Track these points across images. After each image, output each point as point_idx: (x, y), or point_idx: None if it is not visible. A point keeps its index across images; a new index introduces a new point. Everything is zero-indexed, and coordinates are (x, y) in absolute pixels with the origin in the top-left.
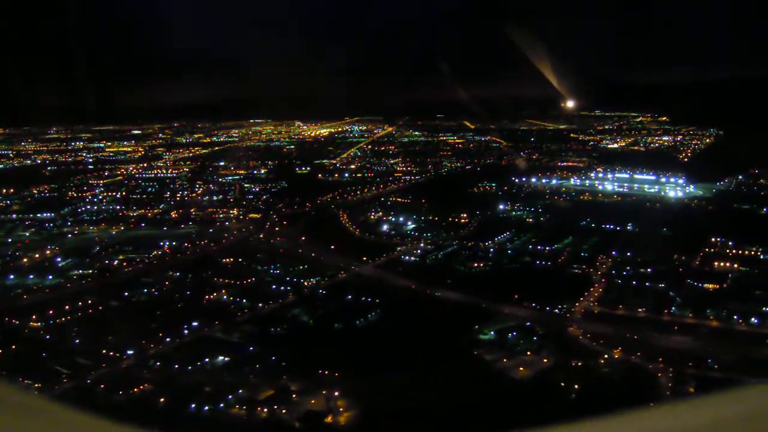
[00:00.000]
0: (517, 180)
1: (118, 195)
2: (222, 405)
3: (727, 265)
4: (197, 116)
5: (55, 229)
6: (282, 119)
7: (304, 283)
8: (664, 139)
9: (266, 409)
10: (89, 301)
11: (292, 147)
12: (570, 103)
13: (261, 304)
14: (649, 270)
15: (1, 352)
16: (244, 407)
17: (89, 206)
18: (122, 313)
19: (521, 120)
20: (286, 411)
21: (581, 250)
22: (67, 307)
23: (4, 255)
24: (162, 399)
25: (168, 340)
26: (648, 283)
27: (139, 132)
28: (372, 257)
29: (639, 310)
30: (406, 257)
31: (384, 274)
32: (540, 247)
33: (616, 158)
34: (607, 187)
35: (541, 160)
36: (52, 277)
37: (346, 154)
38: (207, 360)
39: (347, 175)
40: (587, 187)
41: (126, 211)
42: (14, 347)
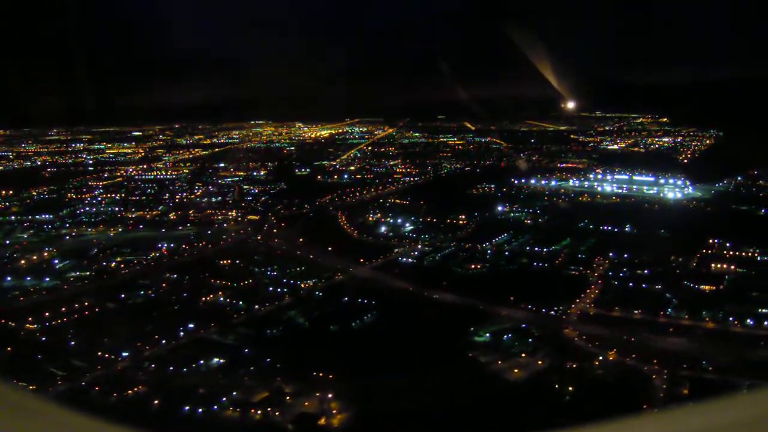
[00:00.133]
0: (516, 181)
1: (117, 197)
2: (216, 407)
3: (724, 266)
4: (198, 117)
5: (53, 231)
6: (282, 120)
7: (301, 285)
8: (664, 140)
9: (260, 411)
10: (86, 303)
11: (292, 148)
12: (570, 104)
13: (257, 306)
14: (646, 271)
15: None
16: (238, 409)
17: (88, 208)
18: (118, 315)
19: (522, 121)
20: (279, 413)
21: (579, 251)
22: (63, 309)
23: (2, 257)
24: (156, 401)
25: (163, 342)
26: (645, 285)
27: (140, 133)
28: (369, 259)
29: (635, 311)
30: (404, 259)
31: (381, 276)
32: (537, 248)
33: (615, 159)
34: (606, 188)
35: (540, 161)
36: (49, 279)
37: (345, 156)
38: (202, 362)
39: (346, 176)
40: (586, 189)
41: (125, 212)
42: (9, 349)
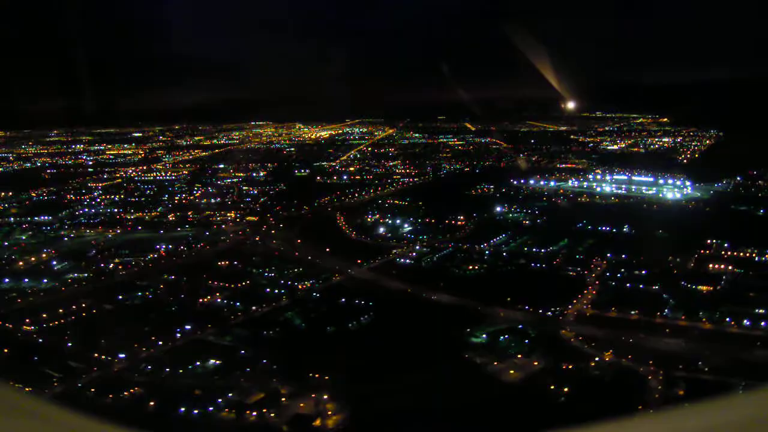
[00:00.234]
0: (516, 182)
1: (117, 198)
2: (211, 408)
3: (722, 267)
4: (198, 118)
5: (52, 233)
6: (283, 121)
7: (298, 286)
8: (665, 140)
9: (255, 413)
10: (83, 305)
11: (293, 149)
12: (571, 105)
13: (254, 308)
14: (643, 272)
15: None
16: (234, 410)
17: (87, 209)
18: (116, 316)
19: (522, 121)
20: (274, 414)
21: (576, 252)
22: (60, 310)
23: (0, 258)
24: (152, 402)
25: (160, 343)
26: (642, 286)
27: (140, 134)
28: (367, 260)
29: (632, 312)
30: (402, 260)
31: (378, 277)
32: (535, 249)
33: (615, 160)
34: (605, 188)
35: (540, 161)
36: (47, 280)
37: (345, 156)
38: (198, 363)
39: (346, 177)
40: (585, 189)
41: (123, 214)
42: (6, 351)
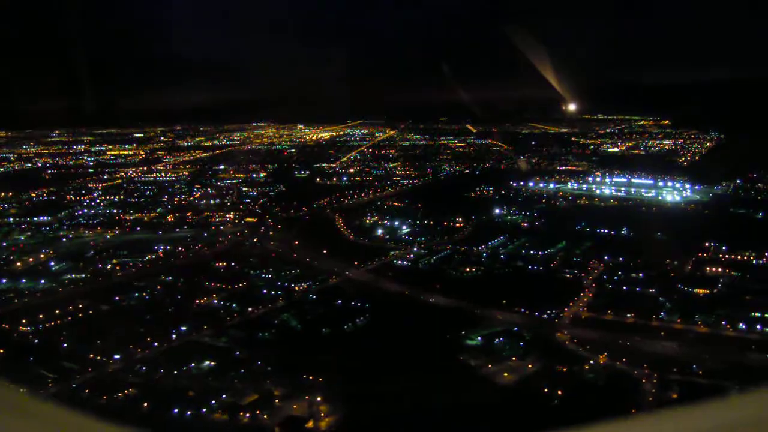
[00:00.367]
0: (515, 184)
1: (116, 199)
2: (205, 409)
3: (719, 270)
4: (199, 119)
5: (51, 233)
6: (284, 122)
7: (295, 288)
8: (665, 142)
9: (248, 414)
10: (80, 306)
11: (293, 150)
12: (572, 107)
13: (251, 309)
14: (640, 275)
15: None
16: (227, 412)
17: (86, 210)
18: (112, 317)
19: (523, 123)
20: (267, 416)
21: (574, 254)
22: (57, 311)
23: None
24: (145, 404)
25: (156, 344)
26: (639, 288)
27: (141, 135)
28: (365, 261)
29: (628, 315)
30: (399, 262)
31: (375, 279)
32: (533, 251)
33: (615, 162)
34: (604, 191)
35: (540, 163)
36: (44, 281)
37: (345, 158)
38: (193, 365)
39: (346, 178)
40: (584, 192)
41: (123, 214)
42: (2, 351)
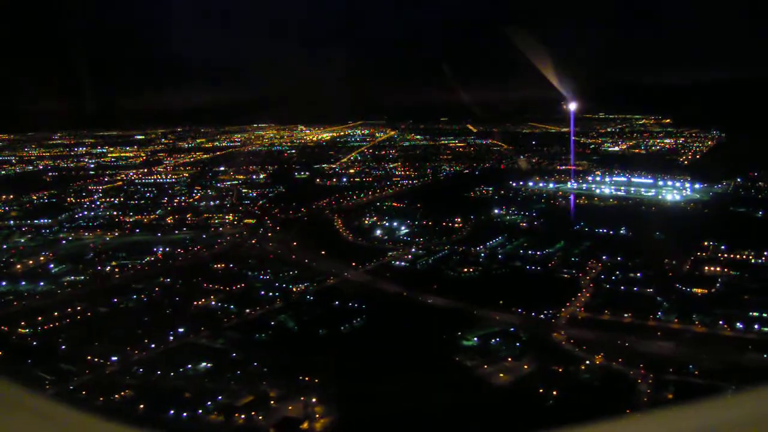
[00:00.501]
0: (515, 184)
1: (116, 201)
2: (200, 411)
3: (718, 269)
4: (200, 121)
5: (50, 236)
6: (285, 123)
7: (293, 289)
8: (666, 141)
9: (244, 415)
10: (78, 308)
11: (294, 151)
12: (573, 106)
13: (248, 310)
14: (638, 275)
15: None
16: (222, 413)
17: (86, 212)
18: (110, 319)
19: (524, 123)
20: (263, 417)
21: (572, 254)
22: (55, 313)
23: None
24: (141, 405)
25: (153, 346)
26: (636, 288)
27: (142, 137)
28: (363, 262)
29: (625, 315)
30: (397, 262)
31: (373, 280)
32: (531, 251)
33: (616, 161)
34: (604, 190)
35: (540, 163)
36: (43, 283)
37: (346, 159)
38: (190, 366)
39: (345, 179)
40: (584, 191)
41: (123, 216)
42: (0, 353)
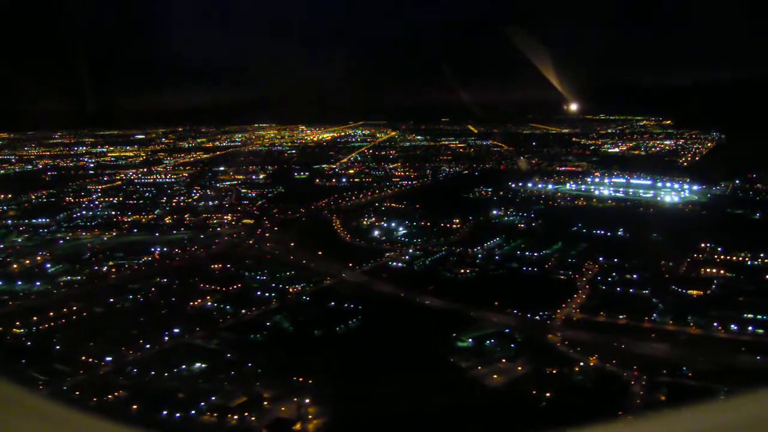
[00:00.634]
0: (514, 185)
1: (115, 200)
2: (194, 412)
3: (714, 271)
4: (201, 121)
5: (48, 235)
6: (286, 123)
7: (289, 290)
8: (666, 143)
9: (236, 416)
10: (74, 308)
11: (294, 152)
12: (574, 107)
13: (244, 311)
14: (634, 276)
15: None
16: (216, 414)
17: (85, 212)
18: (106, 319)
19: (525, 124)
20: (255, 418)
21: (569, 256)
22: (51, 313)
23: None
24: (134, 406)
25: (148, 346)
26: (632, 290)
27: (143, 137)
28: (360, 263)
29: (620, 316)
30: (394, 263)
31: (369, 281)
32: (528, 252)
33: (615, 162)
34: (603, 192)
35: (540, 164)
36: (40, 283)
37: (346, 159)
38: (184, 367)
39: (345, 180)
40: (583, 192)
41: (121, 216)
42: None
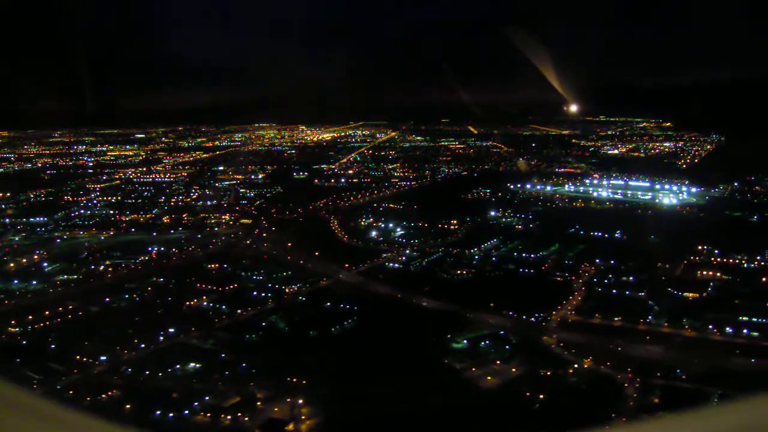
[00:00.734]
0: (512, 186)
1: (113, 199)
2: (187, 412)
3: (710, 273)
4: (201, 120)
5: (46, 234)
6: (286, 123)
7: (285, 290)
8: (666, 145)
9: (230, 417)
10: (70, 307)
11: (294, 152)
12: (574, 108)
13: (240, 311)
14: (630, 278)
15: None
16: (209, 414)
17: (83, 211)
18: (101, 319)
19: (525, 125)
20: (248, 418)
21: (566, 257)
22: (47, 312)
23: None
24: (128, 405)
25: (143, 346)
26: (628, 292)
27: (143, 136)
28: (356, 264)
29: (616, 318)
30: (391, 264)
31: (366, 281)
32: (525, 254)
33: (614, 164)
34: (601, 193)
35: (539, 165)
36: (36, 282)
37: (345, 159)
38: (178, 367)
39: (344, 180)
40: (581, 194)
41: (119, 215)
42: None
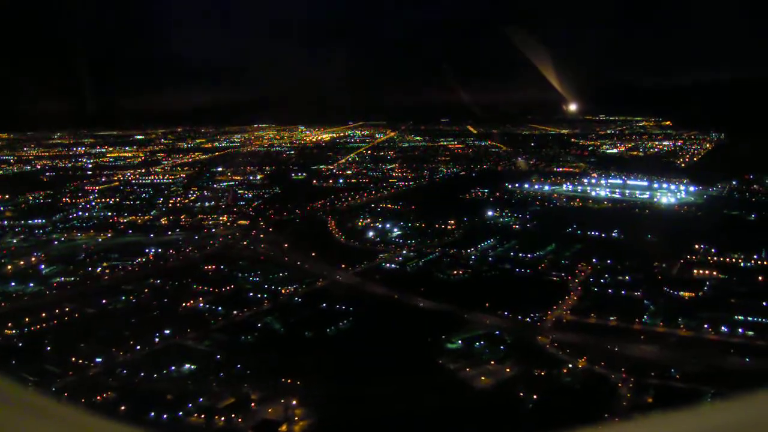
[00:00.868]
0: (511, 186)
1: (112, 201)
2: (181, 413)
3: (707, 272)
4: (200, 121)
5: (44, 236)
6: (285, 124)
7: (281, 291)
8: (665, 144)
9: (224, 418)
10: (66, 309)
11: (293, 152)
12: (573, 107)
13: (236, 312)
14: (627, 278)
15: None
16: (203, 415)
17: (81, 212)
18: (98, 320)
19: (524, 124)
20: (242, 420)
21: (563, 257)
22: (43, 314)
23: None
24: (123, 407)
25: (138, 348)
26: (624, 291)
27: (142, 137)
28: (353, 264)
29: (611, 318)
30: (387, 264)
31: (362, 282)
32: (522, 254)
33: (613, 163)
34: (599, 193)
35: (538, 165)
36: (33, 284)
37: (344, 160)
38: (174, 368)
39: (342, 180)
40: (579, 193)
41: (117, 217)
42: None
